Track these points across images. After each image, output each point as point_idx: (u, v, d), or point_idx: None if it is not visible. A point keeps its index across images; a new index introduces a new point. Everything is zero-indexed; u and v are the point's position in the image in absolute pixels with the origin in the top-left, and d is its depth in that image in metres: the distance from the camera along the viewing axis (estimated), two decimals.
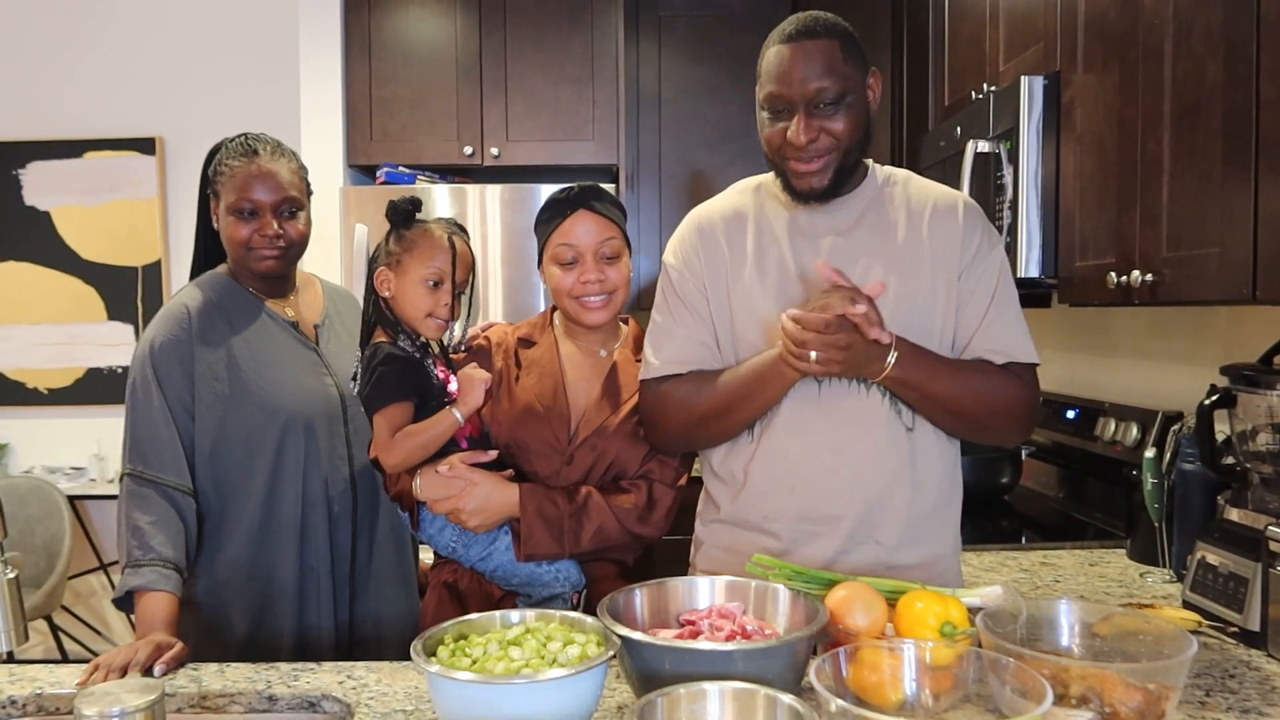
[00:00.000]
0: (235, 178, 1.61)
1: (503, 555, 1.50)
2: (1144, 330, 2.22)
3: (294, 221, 1.65)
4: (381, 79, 3.46)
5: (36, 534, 3.72)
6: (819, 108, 1.38)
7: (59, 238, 4.05)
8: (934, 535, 1.47)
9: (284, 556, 1.61)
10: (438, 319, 1.48)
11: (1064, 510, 2.34)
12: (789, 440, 1.44)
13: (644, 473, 1.55)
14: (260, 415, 1.60)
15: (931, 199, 1.48)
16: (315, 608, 1.63)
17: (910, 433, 1.44)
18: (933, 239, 1.45)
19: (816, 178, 1.41)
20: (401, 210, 1.49)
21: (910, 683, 1.03)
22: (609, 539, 1.50)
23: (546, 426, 1.54)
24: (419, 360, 1.46)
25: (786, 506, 1.44)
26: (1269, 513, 1.42)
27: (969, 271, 1.44)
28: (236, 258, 1.66)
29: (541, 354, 1.60)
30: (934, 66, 2.53)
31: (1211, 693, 1.21)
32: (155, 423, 1.57)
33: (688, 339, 1.49)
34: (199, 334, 1.60)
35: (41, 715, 1.30)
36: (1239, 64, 1.28)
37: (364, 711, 1.20)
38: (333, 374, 1.68)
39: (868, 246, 1.45)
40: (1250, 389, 1.46)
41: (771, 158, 1.46)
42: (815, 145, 1.39)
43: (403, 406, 1.43)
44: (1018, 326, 1.45)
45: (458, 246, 1.49)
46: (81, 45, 4.03)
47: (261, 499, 1.60)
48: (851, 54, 1.40)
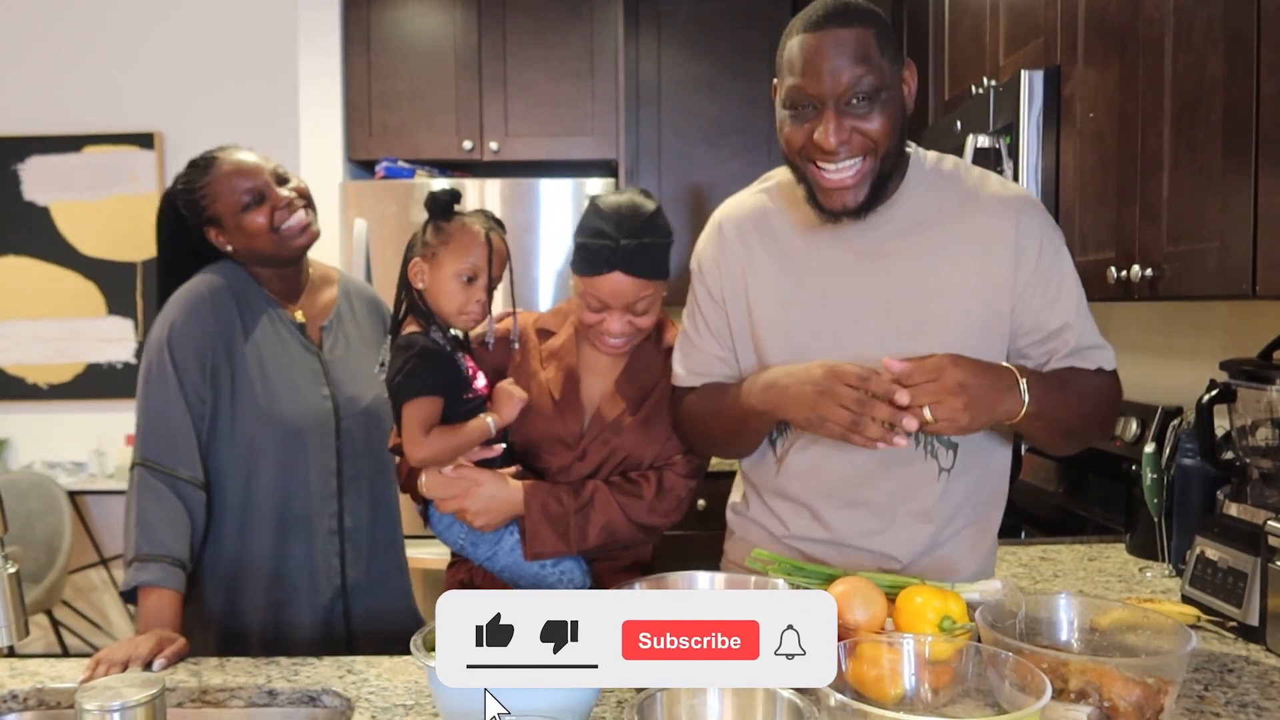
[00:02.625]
0: (224, 183, 1.58)
1: (508, 555, 1.49)
2: (1144, 325, 2.22)
3: (293, 182, 1.63)
4: (381, 73, 3.45)
5: (37, 529, 3.72)
6: (851, 104, 1.21)
7: (58, 233, 4.04)
8: (961, 551, 1.40)
9: (260, 566, 1.59)
10: (470, 314, 1.46)
11: (1063, 505, 2.34)
12: (819, 466, 1.37)
13: (657, 463, 1.53)
14: (255, 420, 1.58)
15: (983, 201, 1.32)
16: (300, 613, 1.61)
17: (947, 473, 1.35)
18: (983, 247, 1.30)
19: (851, 194, 1.24)
20: (441, 202, 1.47)
21: (909, 677, 1.03)
22: (617, 534, 1.49)
23: (560, 421, 1.53)
24: (450, 354, 1.45)
25: (807, 530, 1.40)
26: (1268, 508, 1.42)
27: (1033, 283, 1.30)
28: (269, 248, 1.60)
29: (560, 346, 1.58)
30: (934, 61, 2.52)
31: (1210, 687, 1.21)
32: (170, 410, 1.53)
33: (706, 354, 1.45)
34: (221, 320, 1.58)
35: (42, 710, 1.30)
36: (1239, 58, 1.28)
37: (364, 706, 1.20)
38: (331, 384, 1.65)
39: (906, 255, 1.31)
40: (1250, 384, 1.46)
41: (794, 162, 1.28)
42: (848, 148, 1.22)
43: (433, 400, 1.41)
44: (1094, 331, 1.35)
45: (494, 243, 1.46)
46: (80, 39, 4.02)
47: (247, 502, 1.58)
48: (888, 44, 1.23)
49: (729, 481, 1.61)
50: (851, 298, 1.33)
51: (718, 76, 3.56)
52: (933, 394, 1.14)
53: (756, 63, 3.51)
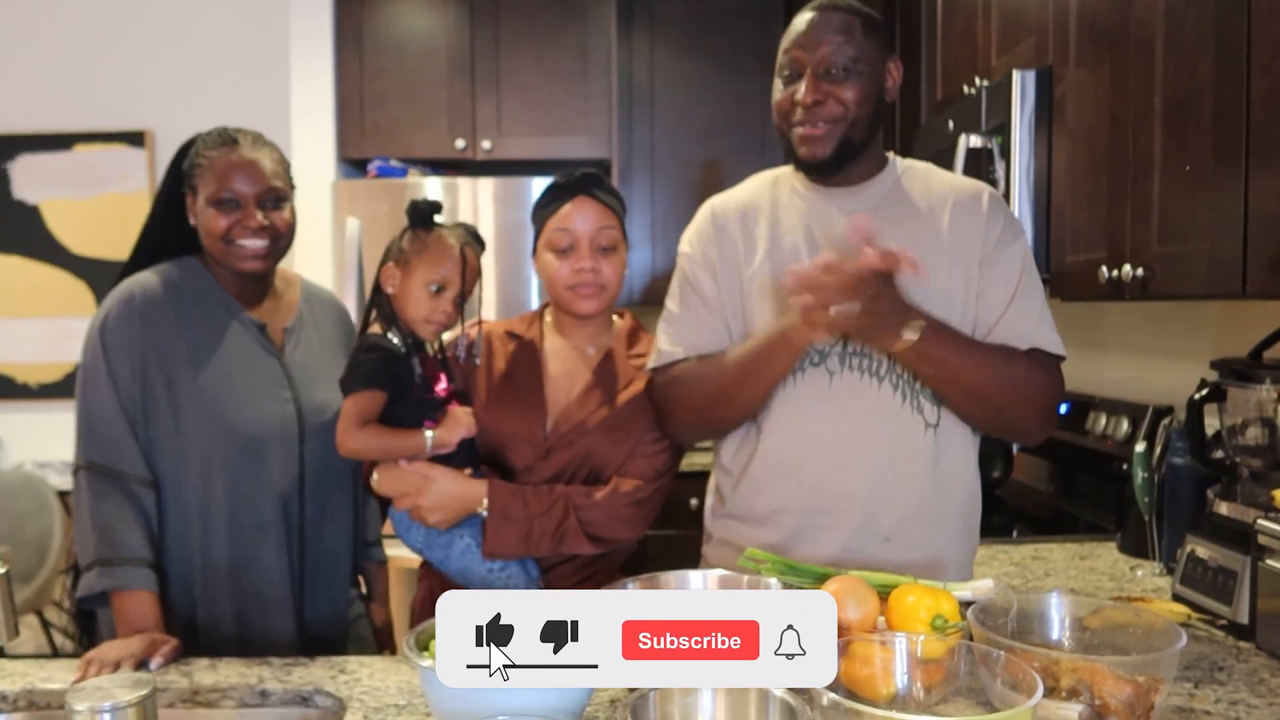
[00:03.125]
0: (215, 168, 1.53)
1: (459, 559, 1.48)
2: (1135, 325, 2.23)
3: (279, 212, 1.56)
4: (373, 72, 3.44)
5: (27, 529, 3.70)
6: (830, 73, 1.38)
7: (48, 231, 4.02)
8: (950, 536, 1.44)
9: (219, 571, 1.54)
10: (435, 324, 1.47)
11: (1055, 504, 2.35)
12: (797, 433, 1.42)
13: (625, 470, 1.52)
14: (207, 427, 1.51)
15: (953, 190, 1.47)
16: (266, 619, 1.56)
17: (933, 429, 1.41)
18: (953, 230, 1.43)
19: (820, 145, 1.40)
20: (421, 211, 1.48)
21: (902, 676, 1.03)
22: (582, 543, 1.47)
23: (522, 419, 1.53)
24: (403, 355, 1.46)
25: (791, 500, 1.43)
26: (1258, 506, 1.43)
27: (990, 261, 1.42)
28: (217, 253, 1.56)
29: (524, 347, 1.59)
30: (926, 61, 2.53)
31: (1200, 685, 1.22)
32: (108, 410, 1.48)
33: (698, 326, 1.49)
34: (153, 323, 1.51)
35: (32, 711, 1.29)
36: (1229, 60, 1.29)
37: (356, 706, 1.20)
38: (294, 386, 1.59)
39: (883, 236, 1.40)
40: (1240, 383, 1.47)
41: (780, 126, 1.45)
42: (821, 110, 1.38)
43: (373, 395, 1.43)
44: (1042, 317, 1.42)
45: (469, 258, 1.47)
46: (71, 37, 4.00)
47: (201, 514, 1.52)
48: (874, 34, 1.41)
49: None
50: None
51: (711, 76, 3.56)
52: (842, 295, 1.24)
53: (749, 62, 3.51)
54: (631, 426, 1.52)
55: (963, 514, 1.47)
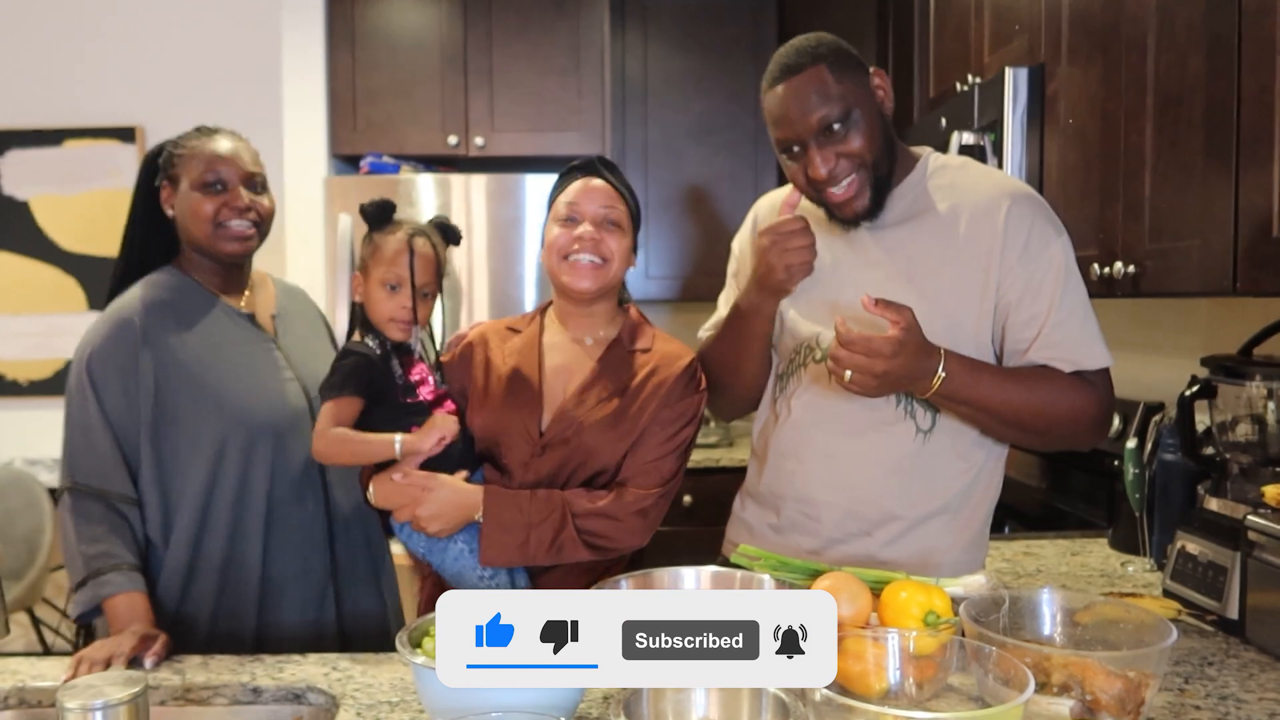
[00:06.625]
0: (199, 154, 1.56)
1: (454, 563, 1.46)
2: (1126, 321, 2.23)
3: (262, 197, 1.60)
4: (365, 68, 3.43)
5: (17, 526, 3.68)
6: (827, 134, 1.36)
7: (38, 227, 4.00)
8: (936, 539, 1.45)
9: (249, 560, 1.56)
10: (399, 321, 1.46)
11: (1046, 500, 2.36)
12: (805, 417, 1.48)
13: (626, 477, 1.48)
14: (221, 423, 1.53)
15: (979, 193, 1.42)
16: (286, 611, 1.58)
17: (924, 435, 1.42)
18: (969, 238, 1.40)
19: (856, 201, 1.40)
20: (368, 214, 1.48)
21: (894, 672, 1.04)
22: (580, 551, 1.44)
23: (517, 415, 1.50)
24: (379, 359, 1.46)
25: (786, 488, 1.48)
26: (1248, 502, 1.43)
27: (1014, 273, 1.37)
28: (203, 237, 1.57)
29: (522, 341, 1.57)
30: (919, 58, 2.53)
31: (1191, 680, 1.22)
32: (93, 432, 1.50)
33: (726, 305, 1.59)
34: (148, 339, 1.52)
35: (23, 709, 1.29)
36: (1220, 57, 1.29)
37: (349, 703, 1.19)
38: (294, 366, 1.63)
39: (898, 243, 1.43)
40: (1230, 380, 1.47)
41: (808, 196, 1.44)
42: (837, 171, 1.37)
43: (350, 401, 1.42)
44: (1083, 329, 1.39)
45: (417, 248, 1.46)
46: (61, 32, 3.98)
47: (230, 502, 1.54)
48: (843, 69, 1.37)
49: (717, 478, 1.63)
50: (860, 269, 1.46)
51: (704, 72, 3.56)
52: (858, 366, 1.27)
53: (742, 59, 3.51)
54: (633, 424, 1.48)
55: (962, 514, 1.47)
